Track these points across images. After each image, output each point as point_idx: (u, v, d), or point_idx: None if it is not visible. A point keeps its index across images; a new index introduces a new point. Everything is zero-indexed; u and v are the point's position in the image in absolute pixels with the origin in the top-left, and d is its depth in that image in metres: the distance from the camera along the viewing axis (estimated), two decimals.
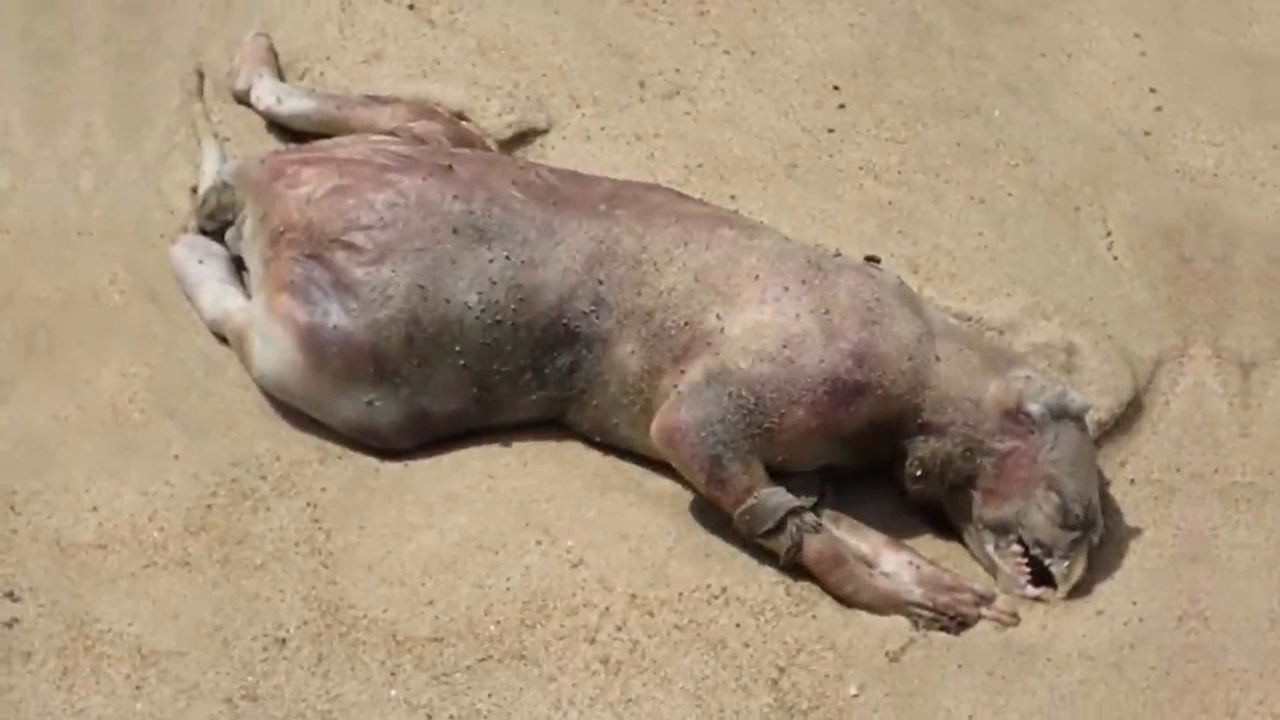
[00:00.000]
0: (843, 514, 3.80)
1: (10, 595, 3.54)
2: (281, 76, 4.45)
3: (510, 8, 4.68)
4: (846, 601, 3.72)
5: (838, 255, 4.01)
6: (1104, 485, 3.94)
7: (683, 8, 4.80)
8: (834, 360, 3.73)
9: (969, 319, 4.11)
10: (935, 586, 3.73)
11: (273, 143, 4.32)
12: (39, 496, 3.69)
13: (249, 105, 4.40)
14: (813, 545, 3.71)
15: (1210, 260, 4.41)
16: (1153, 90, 4.81)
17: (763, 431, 3.72)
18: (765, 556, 3.74)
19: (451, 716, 3.48)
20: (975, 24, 4.91)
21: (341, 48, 4.53)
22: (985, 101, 4.70)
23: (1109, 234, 4.43)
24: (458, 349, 3.81)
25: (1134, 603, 3.77)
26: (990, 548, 3.81)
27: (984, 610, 3.73)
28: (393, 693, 3.50)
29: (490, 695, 3.51)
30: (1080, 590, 3.78)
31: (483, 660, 3.55)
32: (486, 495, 3.80)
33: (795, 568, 3.72)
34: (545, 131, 4.43)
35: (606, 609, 3.62)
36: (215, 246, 4.11)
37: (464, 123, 4.34)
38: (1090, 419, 3.90)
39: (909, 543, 3.82)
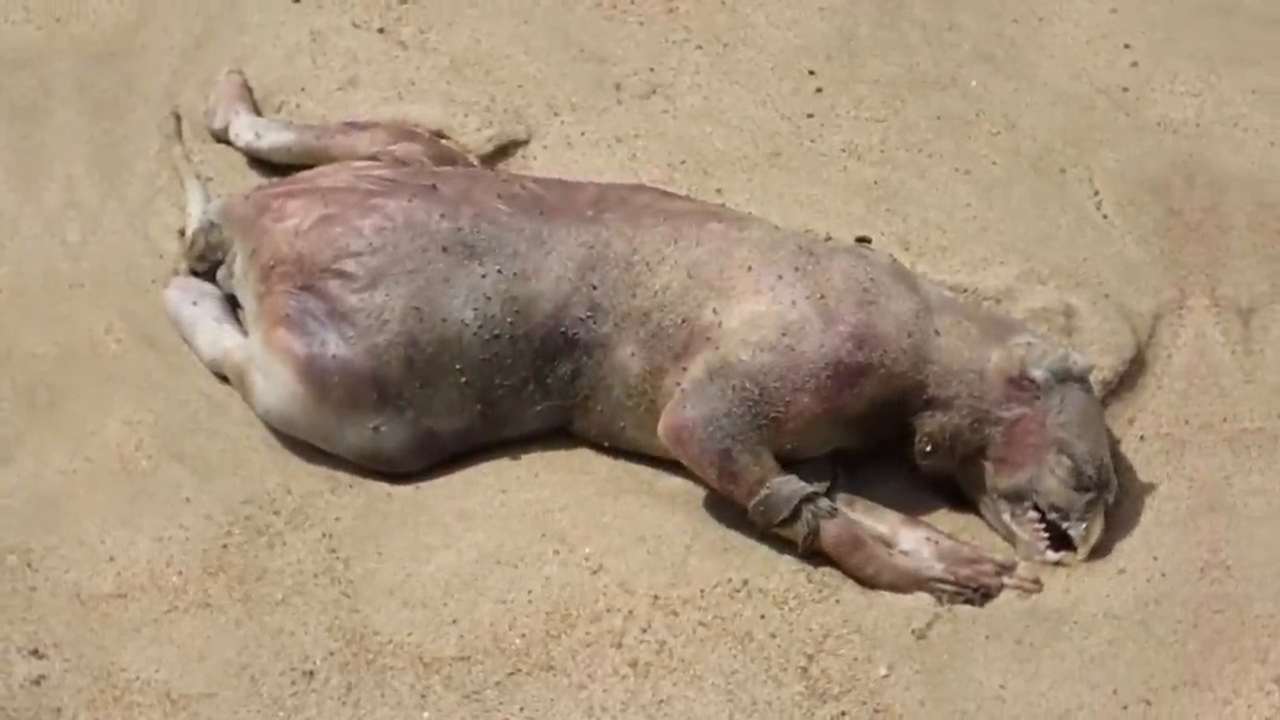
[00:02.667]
0: (857, 496, 3.81)
1: (35, 652, 3.53)
2: (258, 111, 4.44)
3: (480, 22, 4.68)
4: (868, 583, 3.72)
5: (828, 239, 4.01)
6: (1114, 444, 3.94)
7: (651, 6, 4.79)
8: (834, 344, 3.73)
9: (964, 290, 4.11)
10: (956, 560, 3.73)
11: (255, 178, 4.32)
12: (55, 551, 3.68)
13: (228, 143, 4.40)
14: (830, 530, 3.71)
15: (1200, 210, 4.41)
16: (1127, 46, 4.80)
17: (769, 421, 3.72)
18: (784, 546, 3.74)
19: None
20: None
21: (315, 77, 4.53)
22: (961, 72, 4.70)
23: (1097, 193, 4.43)
24: (458, 367, 3.81)
25: (1155, 558, 3.77)
26: (1007, 516, 3.81)
27: (1006, 579, 3.73)
28: (425, 715, 3.50)
29: (522, 709, 3.51)
30: (1100, 551, 3.78)
31: (511, 674, 3.55)
32: (500, 510, 3.80)
33: (814, 554, 3.72)
34: (526, 142, 4.43)
35: (630, 612, 3.62)
36: (208, 287, 4.11)
37: (444, 141, 4.33)
38: (1095, 379, 3.90)
39: (925, 519, 3.82)
